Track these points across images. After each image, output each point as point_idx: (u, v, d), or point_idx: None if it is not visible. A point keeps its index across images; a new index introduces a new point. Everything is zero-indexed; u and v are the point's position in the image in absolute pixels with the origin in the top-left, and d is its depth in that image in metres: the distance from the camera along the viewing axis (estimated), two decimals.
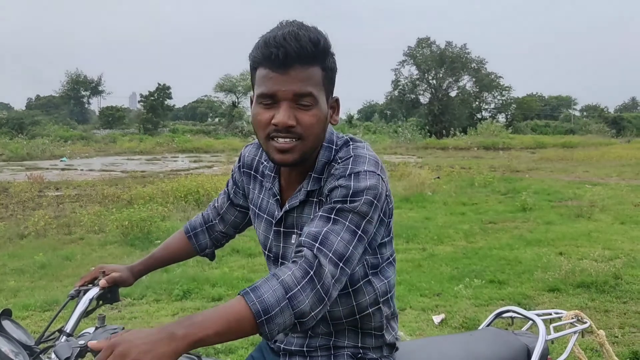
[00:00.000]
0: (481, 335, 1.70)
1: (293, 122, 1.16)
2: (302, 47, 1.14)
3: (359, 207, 1.16)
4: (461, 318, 4.12)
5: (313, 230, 1.14)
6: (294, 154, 1.19)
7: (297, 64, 1.14)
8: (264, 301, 1.00)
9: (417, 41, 51.26)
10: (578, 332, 1.75)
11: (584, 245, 6.48)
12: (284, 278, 1.04)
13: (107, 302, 1.41)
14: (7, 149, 24.47)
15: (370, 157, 1.23)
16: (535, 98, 64.15)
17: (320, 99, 1.19)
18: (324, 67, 1.19)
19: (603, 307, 4.32)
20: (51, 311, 4.33)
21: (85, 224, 7.74)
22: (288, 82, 1.15)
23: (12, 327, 1.16)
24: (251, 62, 1.21)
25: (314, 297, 1.06)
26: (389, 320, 1.39)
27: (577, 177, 14.55)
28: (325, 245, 1.11)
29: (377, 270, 1.34)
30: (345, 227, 1.15)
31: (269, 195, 1.38)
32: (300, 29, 1.16)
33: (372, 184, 1.18)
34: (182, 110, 77.18)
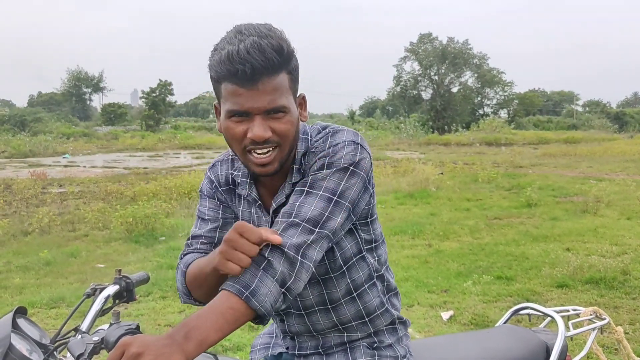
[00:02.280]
0: (498, 332, 1.68)
1: (268, 134, 1.15)
2: (268, 60, 1.10)
3: (332, 173, 1.17)
4: (470, 314, 4.09)
5: (287, 208, 1.16)
6: (274, 164, 1.19)
7: (264, 76, 1.11)
8: (240, 280, 1.03)
9: (419, 37, 51.15)
10: (597, 328, 1.73)
11: (591, 241, 6.45)
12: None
13: (124, 300, 1.38)
14: (10, 146, 24.47)
15: (350, 130, 1.25)
16: (537, 93, 64.05)
17: (290, 105, 1.18)
18: (289, 71, 1.17)
19: (612, 303, 4.29)
20: (57, 308, 4.32)
21: (89, 220, 7.73)
22: (258, 97, 1.12)
23: (26, 325, 1.15)
24: (214, 75, 1.16)
25: (285, 261, 1.07)
26: (389, 297, 1.39)
27: (581, 173, 14.50)
28: (298, 216, 1.12)
29: (371, 247, 1.34)
30: (319, 196, 1.16)
31: (247, 204, 1.34)
32: (262, 37, 1.12)
33: (349, 151, 1.19)
34: (184, 107, 77.19)
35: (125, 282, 1.37)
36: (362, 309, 1.33)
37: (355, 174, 1.18)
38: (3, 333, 1.05)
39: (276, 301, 1.05)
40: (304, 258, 1.10)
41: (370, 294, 1.34)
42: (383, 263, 1.38)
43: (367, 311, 1.34)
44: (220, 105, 1.19)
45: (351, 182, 1.18)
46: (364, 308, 1.33)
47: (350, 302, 1.32)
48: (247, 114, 1.14)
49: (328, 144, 1.22)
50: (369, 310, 1.34)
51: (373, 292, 1.34)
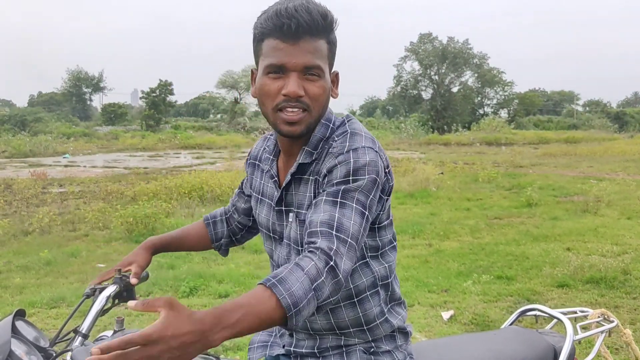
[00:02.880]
0: (505, 334, 1.66)
1: (302, 92, 1.18)
2: (313, 20, 1.16)
3: (362, 185, 1.17)
4: (470, 314, 4.09)
5: (324, 217, 1.13)
6: (301, 126, 1.21)
7: (307, 35, 1.17)
8: (293, 294, 0.98)
9: (419, 36, 51.08)
10: (605, 331, 1.71)
11: (592, 240, 6.44)
12: (309, 269, 1.03)
13: (124, 300, 1.37)
14: (10, 146, 24.44)
15: (367, 135, 1.25)
16: (537, 93, 64.01)
17: (325, 71, 1.22)
18: (329, 41, 1.22)
19: (613, 303, 4.29)
20: (58, 308, 4.31)
21: (89, 220, 7.73)
22: (298, 53, 1.17)
23: (26, 328, 1.14)
24: (258, 33, 1.21)
25: (334, 285, 1.06)
26: (391, 305, 1.37)
27: (582, 173, 14.49)
28: (342, 231, 1.11)
29: (377, 254, 1.33)
30: (354, 209, 1.15)
31: (267, 178, 1.39)
32: (309, 2, 1.18)
33: (371, 159, 1.19)
34: (184, 107, 77.11)
35: (125, 281, 1.36)
36: (362, 316, 1.32)
37: (377, 186, 1.19)
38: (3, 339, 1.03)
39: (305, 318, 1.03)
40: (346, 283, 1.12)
41: (372, 302, 1.32)
42: (392, 270, 1.36)
43: (366, 319, 1.33)
44: (259, 65, 1.23)
45: (375, 195, 1.19)
46: (363, 315, 1.32)
47: (349, 306, 1.31)
48: (284, 69, 1.18)
49: (347, 147, 1.21)
50: (368, 319, 1.33)
51: (374, 301, 1.33)
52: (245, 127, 44.71)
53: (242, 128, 44.36)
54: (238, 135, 37.12)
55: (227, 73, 51.63)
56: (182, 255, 5.93)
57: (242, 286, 4.80)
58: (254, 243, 6.31)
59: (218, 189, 9.85)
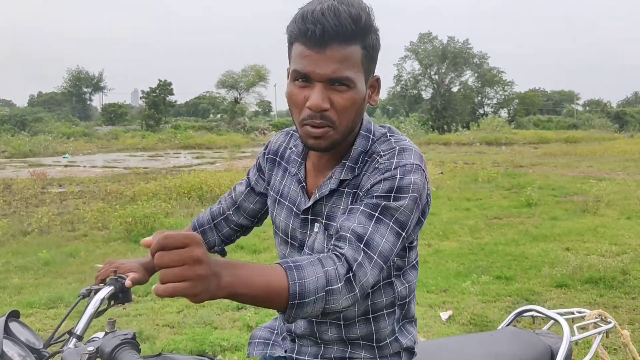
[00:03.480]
0: (502, 335, 1.65)
1: (327, 105, 1.10)
2: (341, 25, 1.05)
3: (404, 206, 1.10)
4: (469, 315, 4.08)
5: (357, 227, 1.08)
6: (326, 141, 1.13)
7: (334, 42, 1.06)
8: (304, 284, 0.96)
9: (419, 36, 51.12)
10: (603, 332, 1.70)
11: (591, 240, 6.44)
12: (329, 269, 1.00)
13: (119, 301, 1.35)
14: (10, 146, 24.46)
15: (416, 150, 1.17)
16: (537, 93, 63.98)
17: (357, 81, 1.11)
18: (364, 46, 1.11)
19: (612, 303, 4.28)
20: (56, 309, 4.31)
21: (88, 220, 7.72)
22: (324, 62, 1.07)
23: (19, 329, 1.12)
24: (288, 35, 1.14)
25: (349, 298, 1.02)
26: (404, 324, 1.33)
27: (582, 172, 14.49)
28: (371, 248, 1.06)
29: (400, 273, 1.28)
30: (390, 227, 1.09)
31: (292, 181, 1.32)
32: (341, 3, 1.07)
33: (417, 179, 1.12)
34: (184, 107, 77.10)
35: (121, 283, 1.34)
36: (374, 334, 1.28)
37: (418, 207, 1.14)
38: None
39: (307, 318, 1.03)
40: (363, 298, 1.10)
41: (387, 321, 1.28)
42: (412, 290, 1.32)
43: (378, 337, 1.28)
44: (289, 68, 1.16)
45: (415, 216, 1.14)
46: (376, 333, 1.28)
47: (364, 322, 1.27)
48: (309, 78, 1.09)
49: (395, 164, 1.13)
50: (380, 337, 1.29)
51: (389, 319, 1.29)
52: (245, 127, 44.73)
53: (242, 128, 44.38)
54: (238, 135, 37.14)
55: (227, 73, 51.62)
56: None
57: None
58: (253, 243, 6.31)
59: (217, 189, 9.84)
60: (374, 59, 1.16)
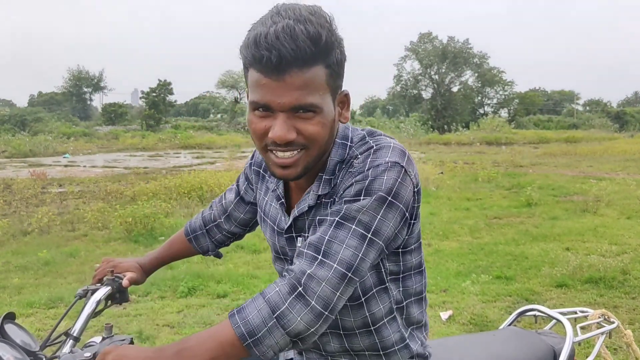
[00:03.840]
0: (504, 335, 1.64)
1: (292, 136, 1.00)
2: (299, 48, 0.94)
3: (368, 205, 1.01)
4: (469, 314, 4.08)
5: (314, 239, 1.02)
6: (297, 168, 1.05)
7: (294, 68, 0.96)
8: (248, 323, 0.95)
9: (419, 36, 51.15)
10: (606, 332, 1.68)
11: (591, 240, 6.43)
12: (271, 296, 0.97)
13: (116, 302, 1.35)
14: (10, 146, 24.45)
15: (396, 147, 1.08)
16: (537, 93, 63.93)
17: (324, 104, 1.02)
18: (328, 65, 1.00)
19: (612, 303, 4.28)
20: (56, 308, 4.31)
21: (88, 220, 7.72)
22: (284, 91, 0.97)
23: (16, 331, 1.11)
24: (242, 59, 1.03)
25: (308, 313, 0.96)
26: (411, 330, 1.26)
27: (582, 172, 14.48)
28: (328, 256, 0.99)
29: (397, 277, 1.20)
30: (352, 231, 1.01)
31: (272, 198, 1.25)
32: (299, 22, 0.95)
33: (391, 177, 1.02)
34: (184, 107, 77.16)
35: (118, 283, 1.34)
36: (379, 343, 1.21)
37: (393, 207, 1.03)
38: None
39: (282, 350, 0.99)
40: (331, 312, 0.99)
41: (390, 329, 1.21)
42: (411, 294, 1.23)
43: (384, 345, 1.21)
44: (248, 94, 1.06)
45: (388, 217, 1.03)
46: (380, 342, 1.21)
47: (365, 334, 1.20)
48: (270, 109, 1.00)
49: (368, 165, 1.04)
50: (386, 345, 1.21)
51: (393, 327, 1.21)
52: (245, 127, 44.67)
53: (242, 128, 44.36)
54: (238, 135, 37.12)
55: (227, 73, 51.72)
56: None
57: (240, 286, 4.80)
58: (253, 243, 6.31)
59: (217, 189, 9.84)
60: (340, 74, 1.05)
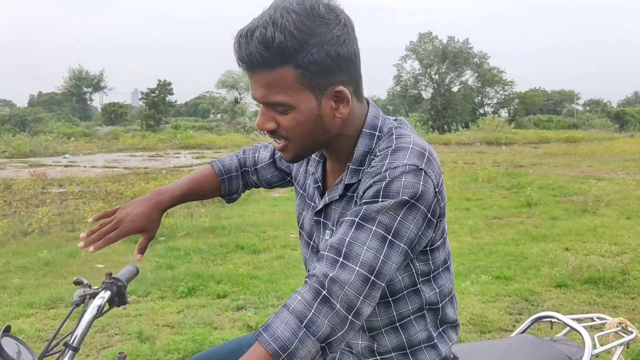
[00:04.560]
0: (519, 343, 1.59)
1: (272, 125, 1.08)
2: (251, 54, 1.00)
3: (387, 206, 1.01)
4: (468, 315, 4.09)
5: (335, 241, 1.03)
6: (289, 153, 1.13)
7: (257, 68, 1.02)
8: (278, 338, 0.96)
9: (419, 36, 51.11)
10: (624, 343, 1.62)
11: (590, 240, 6.44)
12: (294, 306, 0.98)
13: (115, 305, 1.31)
14: (10, 146, 24.47)
15: (415, 147, 1.07)
16: (537, 93, 63.92)
17: (297, 102, 1.04)
18: (297, 65, 1.00)
19: (611, 303, 4.29)
20: (56, 309, 4.31)
21: (89, 220, 7.72)
22: (256, 87, 1.06)
23: (12, 344, 1.08)
24: None
25: (334, 317, 0.97)
26: (442, 329, 1.25)
27: (582, 172, 14.48)
28: (350, 259, 1.00)
29: (429, 278, 1.19)
30: (372, 232, 1.01)
31: (312, 179, 1.29)
32: (274, 23, 0.98)
33: (410, 180, 1.02)
34: (184, 107, 77.14)
35: (117, 285, 1.29)
36: (405, 342, 1.20)
37: (413, 209, 1.02)
38: None
39: (313, 358, 0.99)
40: (356, 318, 0.99)
41: (416, 327, 1.20)
42: (446, 295, 1.22)
43: (410, 344, 1.21)
44: None
45: (408, 219, 1.02)
46: (407, 340, 1.20)
47: (391, 332, 1.20)
48: None
49: (385, 166, 1.04)
50: (412, 343, 1.21)
51: (420, 325, 1.20)
52: (245, 127, 44.70)
53: (243, 128, 44.37)
54: (238, 135, 37.13)
55: (227, 73, 51.66)
56: (181, 256, 5.94)
57: (240, 286, 4.80)
58: (253, 243, 6.33)
59: None
60: (324, 72, 1.03)
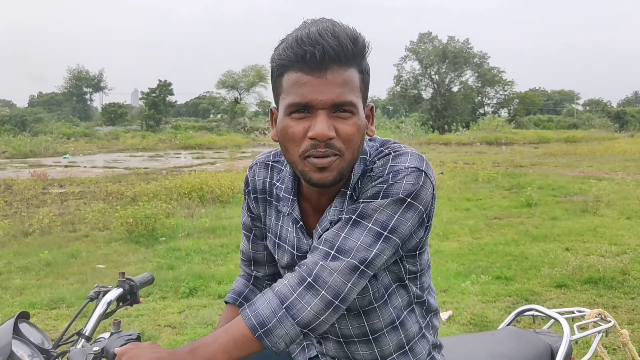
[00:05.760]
0: (503, 335, 1.66)
1: (333, 134, 1.01)
2: (342, 45, 0.99)
3: (385, 204, 1.04)
4: (469, 315, 4.10)
5: (329, 235, 1.06)
6: (333, 172, 1.04)
7: (334, 65, 0.99)
8: (258, 314, 1.01)
9: (419, 36, 51.22)
10: (602, 331, 1.72)
11: (590, 240, 6.45)
12: (279, 288, 1.03)
13: (127, 303, 1.38)
14: (10, 146, 24.52)
15: (414, 152, 1.10)
16: (537, 93, 64.00)
17: (359, 107, 1.05)
18: (360, 70, 1.05)
19: (611, 303, 4.29)
20: (58, 309, 4.33)
21: (89, 221, 7.74)
22: (325, 87, 1.00)
23: (29, 329, 1.15)
24: (276, 66, 1.05)
25: (319, 302, 1.01)
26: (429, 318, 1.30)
27: (582, 172, 14.49)
28: (342, 253, 1.03)
29: (415, 276, 1.22)
30: (367, 229, 1.04)
31: (288, 222, 1.22)
32: (335, 25, 1.01)
33: (411, 181, 1.05)
34: (184, 107, 77.19)
35: (129, 284, 1.36)
36: (403, 337, 1.24)
37: (411, 207, 1.05)
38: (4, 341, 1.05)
39: (293, 341, 1.02)
40: (342, 302, 1.03)
41: (410, 320, 1.24)
42: (425, 289, 1.27)
43: (408, 338, 1.25)
44: (279, 104, 1.07)
45: (406, 217, 1.05)
46: (405, 336, 1.24)
47: (392, 331, 1.23)
48: (310, 108, 1.01)
49: (388, 169, 1.07)
50: (409, 337, 1.25)
51: (412, 318, 1.25)
52: (245, 127, 44.79)
53: (243, 128, 44.44)
54: (238, 135, 37.18)
55: (227, 73, 51.78)
56: (182, 256, 5.94)
57: None
58: None
59: (218, 190, 9.87)
60: (368, 85, 1.09)
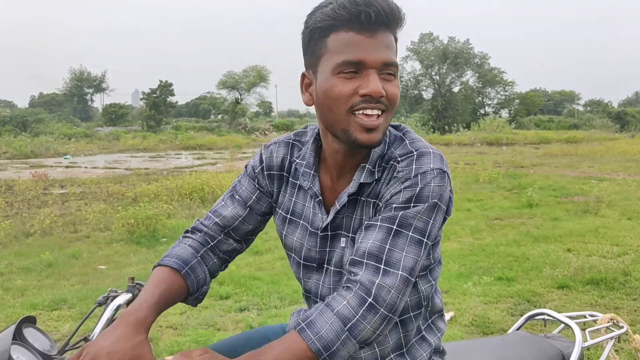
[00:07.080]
0: (513, 339, 1.63)
1: (384, 92, 1.04)
2: (391, 9, 1.04)
3: (422, 211, 1.06)
4: (470, 316, 4.09)
5: (373, 248, 1.05)
6: (379, 133, 1.07)
7: (382, 27, 1.04)
8: (322, 338, 0.98)
9: (420, 36, 51.15)
10: (615, 337, 1.68)
11: (592, 241, 6.44)
12: (339, 309, 1.01)
13: None
14: (11, 147, 24.51)
15: (434, 152, 1.12)
16: (538, 93, 63.98)
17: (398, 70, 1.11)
18: (396, 38, 1.10)
19: (613, 304, 4.29)
20: (59, 310, 4.33)
21: (90, 222, 7.74)
22: (376, 47, 1.04)
23: (35, 334, 1.11)
24: (322, 26, 1.06)
25: (377, 320, 1.01)
26: (432, 320, 1.30)
27: (582, 173, 14.48)
28: (392, 265, 1.04)
29: (426, 272, 1.24)
30: (409, 238, 1.06)
31: (305, 197, 1.23)
32: None
33: (438, 183, 1.08)
34: (185, 107, 77.21)
35: (139, 289, 1.34)
36: (402, 337, 1.23)
37: (440, 210, 1.09)
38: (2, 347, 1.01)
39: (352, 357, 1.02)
40: (395, 314, 1.04)
41: (414, 322, 1.24)
42: (435, 285, 1.29)
43: (407, 340, 1.24)
44: (320, 66, 1.08)
45: (437, 220, 1.09)
46: (404, 337, 1.23)
47: (392, 329, 1.21)
48: (361, 66, 1.04)
49: (414, 171, 1.08)
50: (408, 338, 1.24)
51: (417, 319, 1.24)
52: (246, 127, 44.78)
53: (243, 128, 44.43)
54: (239, 136, 37.17)
55: (228, 73, 51.74)
56: None
57: (242, 287, 4.81)
58: (255, 245, 6.30)
59: (219, 190, 9.86)
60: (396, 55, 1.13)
